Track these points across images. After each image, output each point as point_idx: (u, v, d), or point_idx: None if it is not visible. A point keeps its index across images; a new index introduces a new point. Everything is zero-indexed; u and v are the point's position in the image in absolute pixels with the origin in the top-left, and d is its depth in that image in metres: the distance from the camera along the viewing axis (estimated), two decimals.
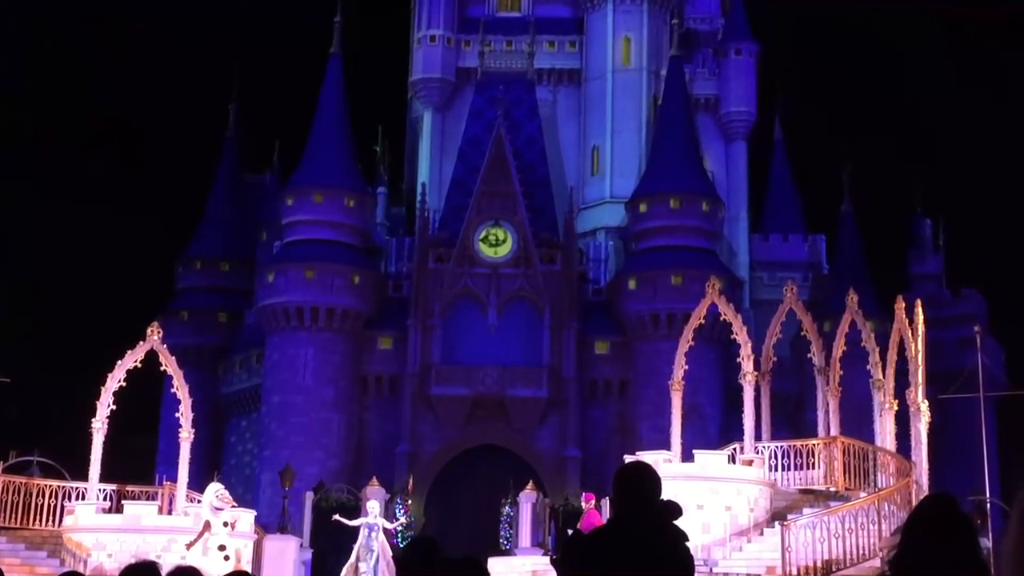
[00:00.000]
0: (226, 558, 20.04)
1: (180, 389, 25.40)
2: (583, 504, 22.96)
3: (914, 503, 19.99)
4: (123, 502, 24.87)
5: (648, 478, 3.86)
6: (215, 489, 20.81)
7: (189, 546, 20.44)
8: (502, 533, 34.97)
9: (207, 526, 20.31)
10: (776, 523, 21.60)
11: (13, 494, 25.20)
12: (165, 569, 4.82)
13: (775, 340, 26.65)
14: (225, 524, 20.44)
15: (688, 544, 3.85)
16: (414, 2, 52.30)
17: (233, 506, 21.27)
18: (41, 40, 71.97)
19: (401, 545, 33.24)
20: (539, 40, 50.26)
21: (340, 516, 24.05)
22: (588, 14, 51.30)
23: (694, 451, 23.81)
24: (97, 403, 24.95)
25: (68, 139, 67.95)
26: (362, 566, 21.83)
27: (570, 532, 21.84)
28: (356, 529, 22.69)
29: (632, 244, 46.05)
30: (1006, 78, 69.67)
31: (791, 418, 41.18)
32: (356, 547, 22.22)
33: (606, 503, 22.83)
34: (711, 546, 22.11)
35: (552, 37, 51.09)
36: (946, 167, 68.51)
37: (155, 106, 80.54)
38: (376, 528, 22.22)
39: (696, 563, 4.41)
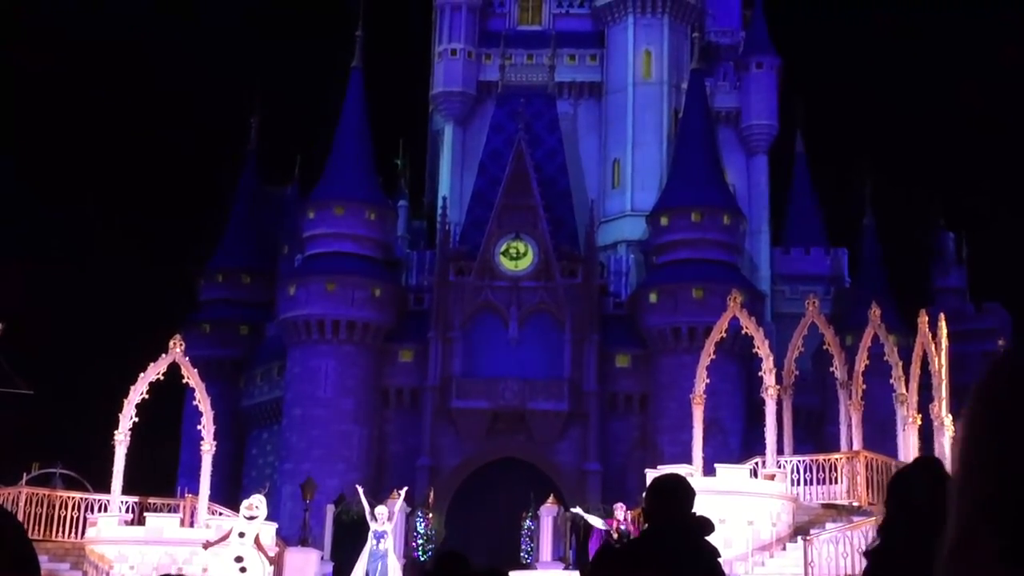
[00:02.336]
0: (242, 570, 20.01)
1: (202, 401, 25.48)
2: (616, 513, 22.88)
3: None
4: (145, 514, 24.93)
5: (682, 491, 3.85)
6: (248, 500, 20.84)
7: (206, 545, 20.44)
8: (523, 547, 34.85)
9: (228, 533, 20.31)
10: (799, 538, 21.49)
11: (36, 506, 25.31)
12: None
13: (797, 354, 26.57)
14: (241, 535, 20.41)
15: (720, 560, 3.83)
16: (435, 16, 52.45)
17: (252, 517, 21.22)
18: (69, 56, 72.45)
19: (421, 557, 33.21)
20: (560, 53, 50.32)
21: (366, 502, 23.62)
22: (609, 27, 51.35)
23: (716, 465, 23.73)
24: (120, 415, 25.05)
25: (93, 153, 68.41)
26: (372, 571, 21.80)
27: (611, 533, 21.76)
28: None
29: (653, 257, 45.97)
30: None
31: (813, 432, 40.98)
32: (364, 554, 22.20)
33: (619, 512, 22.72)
34: (733, 561, 22.00)
35: (573, 50, 51.15)
36: (969, 180, 68.23)
37: (178, 120, 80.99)
38: (384, 536, 22.19)
39: None
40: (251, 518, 20.17)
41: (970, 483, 1.03)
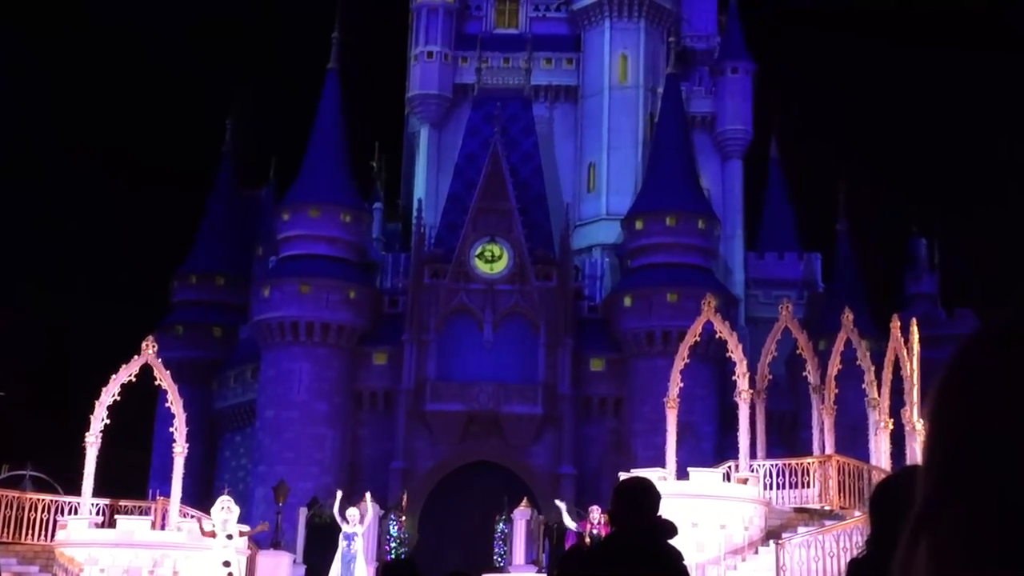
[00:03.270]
0: (229, 575, 20.01)
1: (174, 404, 25.35)
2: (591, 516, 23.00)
3: None
4: (116, 517, 24.77)
5: (646, 495, 3.85)
6: (220, 503, 20.93)
7: (206, 534, 20.57)
8: (496, 550, 34.82)
9: (212, 534, 20.41)
10: (771, 542, 21.56)
11: (5, 508, 25.08)
12: None
13: (770, 358, 26.66)
14: (229, 537, 20.43)
15: (684, 563, 3.83)
16: (411, 18, 52.40)
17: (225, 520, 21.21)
18: (42, 55, 72.04)
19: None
20: (536, 57, 50.37)
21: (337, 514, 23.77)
22: (585, 31, 51.43)
23: (689, 469, 23.79)
24: (91, 417, 24.88)
25: (64, 154, 68.00)
26: (344, 574, 21.82)
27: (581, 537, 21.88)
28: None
29: (628, 261, 46.07)
30: (1002, 99, 69.89)
31: (786, 436, 41.12)
32: (336, 556, 22.23)
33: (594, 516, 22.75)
34: (706, 565, 22.06)
35: (549, 54, 51.20)
36: (942, 187, 68.68)
37: (152, 121, 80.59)
38: (353, 537, 22.22)
39: None
40: (226, 520, 20.23)
41: (937, 454, 1.04)
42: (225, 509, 20.86)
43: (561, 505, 24.95)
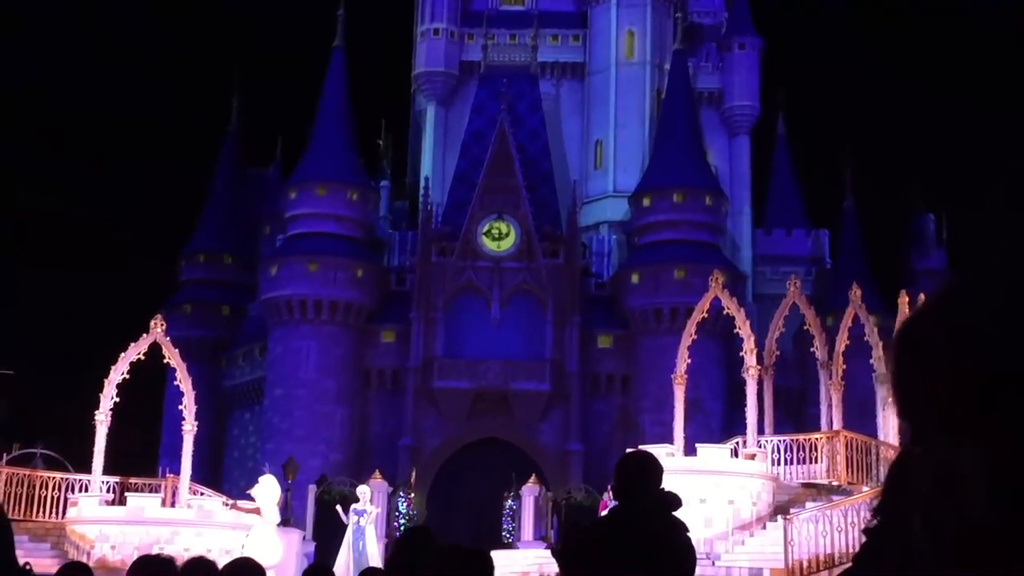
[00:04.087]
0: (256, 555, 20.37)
1: (183, 382, 25.44)
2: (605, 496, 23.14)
3: None
4: (126, 494, 24.91)
5: (649, 468, 3.87)
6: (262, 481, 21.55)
7: (251, 511, 21.27)
8: (504, 526, 35.01)
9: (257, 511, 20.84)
10: (779, 517, 21.60)
11: (16, 486, 25.23)
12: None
13: (778, 334, 26.67)
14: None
15: (689, 535, 3.85)
16: None
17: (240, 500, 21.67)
18: (46, 34, 72.02)
19: None
20: (542, 34, 50.18)
21: (340, 508, 24.19)
22: (592, 8, 51.22)
23: (697, 445, 23.84)
24: (100, 396, 24.99)
25: (71, 132, 68.01)
26: (355, 550, 21.98)
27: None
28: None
29: (635, 238, 46.03)
30: (1008, 72, 69.57)
31: (794, 412, 41.16)
32: (347, 534, 22.40)
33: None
34: (713, 540, 22.13)
35: (555, 31, 51.02)
36: (949, 162, 68.45)
37: (157, 99, 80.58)
38: (363, 514, 22.38)
39: (698, 557, 4.41)
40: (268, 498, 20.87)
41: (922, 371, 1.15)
42: (268, 487, 21.33)
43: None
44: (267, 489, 21.20)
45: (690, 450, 23.86)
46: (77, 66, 73.85)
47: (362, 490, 23.66)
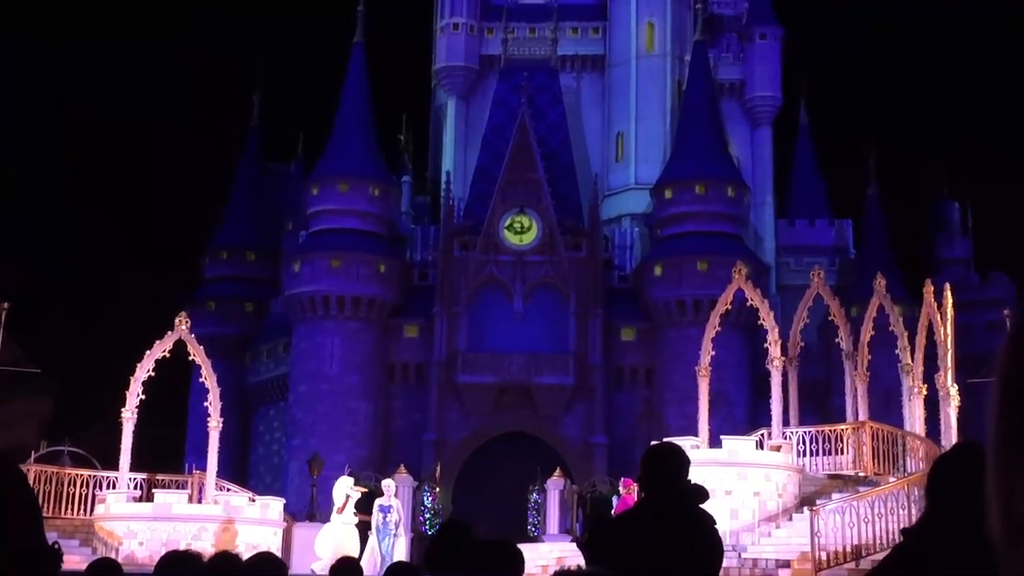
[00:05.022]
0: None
1: (208, 378, 25.55)
2: (620, 489, 23.08)
3: None
4: (153, 491, 25.07)
5: (675, 460, 3.85)
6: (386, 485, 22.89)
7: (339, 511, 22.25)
8: (530, 520, 35.03)
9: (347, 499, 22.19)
10: (805, 508, 21.53)
11: (45, 483, 25.42)
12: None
13: (802, 325, 26.55)
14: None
15: (716, 527, 3.84)
16: None
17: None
18: (69, 31, 72.33)
19: (428, 531, 33.34)
20: (562, 27, 50.11)
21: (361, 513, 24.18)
22: (611, 0, 51.10)
23: (722, 437, 23.77)
24: (126, 393, 25.13)
25: (94, 131, 68.34)
26: (381, 546, 22.02)
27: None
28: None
29: (657, 230, 45.93)
30: None
31: (819, 404, 41.03)
32: (372, 528, 22.46)
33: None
34: (740, 532, 22.07)
35: (575, 24, 50.94)
36: (973, 150, 67.98)
37: (180, 96, 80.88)
38: (389, 510, 22.42)
39: (725, 549, 4.40)
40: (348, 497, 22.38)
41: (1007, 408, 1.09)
42: (352, 488, 22.50)
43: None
44: (339, 489, 22.54)
45: (715, 442, 23.80)
46: (99, 64, 74.18)
47: (387, 484, 23.70)
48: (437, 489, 36.27)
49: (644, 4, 50.24)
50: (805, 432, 24.87)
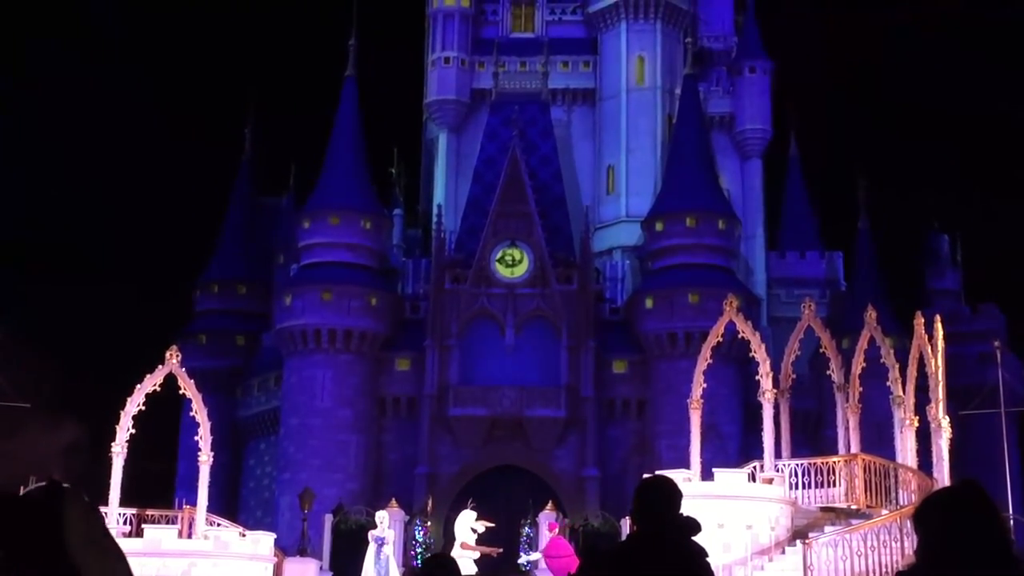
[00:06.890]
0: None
1: (199, 412, 25.42)
2: (546, 531, 23.57)
3: None
4: (143, 526, 24.89)
5: (667, 493, 3.85)
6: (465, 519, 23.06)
7: (464, 546, 22.65)
8: (522, 553, 34.83)
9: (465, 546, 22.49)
10: (797, 541, 21.46)
11: None
12: None
13: (794, 357, 26.55)
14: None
15: (708, 560, 3.83)
16: (428, 24, 52.52)
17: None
18: (61, 62, 72.54)
19: (420, 566, 33.14)
20: (553, 60, 50.39)
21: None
22: (602, 34, 51.43)
23: (714, 470, 23.71)
24: (116, 427, 25.00)
25: (86, 163, 68.42)
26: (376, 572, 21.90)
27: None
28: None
29: (648, 263, 46.01)
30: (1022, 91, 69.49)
31: (811, 436, 40.98)
32: (366, 560, 22.33)
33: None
34: (732, 565, 21.98)
35: (566, 57, 51.23)
36: (963, 182, 68.32)
37: (171, 129, 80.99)
38: (384, 541, 22.34)
39: None
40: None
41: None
42: (476, 522, 23.07)
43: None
44: (462, 524, 23.14)
45: (707, 475, 23.73)
46: (91, 96, 74.32)
47: (380, 516, 23.60)
48: (428, 523, 36.09)
49: (634, 38, 50.56)
50: (797, 464, 24.82)
